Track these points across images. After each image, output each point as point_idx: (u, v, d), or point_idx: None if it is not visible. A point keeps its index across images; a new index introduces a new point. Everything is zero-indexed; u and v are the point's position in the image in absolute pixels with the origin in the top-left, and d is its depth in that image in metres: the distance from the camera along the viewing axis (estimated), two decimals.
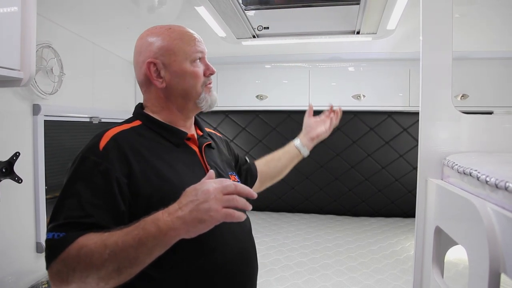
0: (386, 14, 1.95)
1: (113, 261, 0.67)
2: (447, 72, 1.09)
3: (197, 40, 0.97)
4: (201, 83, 0.96)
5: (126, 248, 0.67)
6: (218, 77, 3.13)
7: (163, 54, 0.93)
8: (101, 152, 0.81)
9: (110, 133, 0.87)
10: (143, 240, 0.67)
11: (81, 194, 0.76)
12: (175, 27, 0.97)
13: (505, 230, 0.62)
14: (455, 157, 0.99)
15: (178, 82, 0.94)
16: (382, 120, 3.17)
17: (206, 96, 0.98)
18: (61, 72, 2.10)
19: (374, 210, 3.45)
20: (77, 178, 0.79)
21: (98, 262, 0.67)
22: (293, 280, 2.12)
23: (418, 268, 1.12)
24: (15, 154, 1.70)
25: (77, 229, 0.72)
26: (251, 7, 2.20)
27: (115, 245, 0.67)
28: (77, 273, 0.68)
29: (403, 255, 2.47)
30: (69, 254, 0.69)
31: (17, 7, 1.27)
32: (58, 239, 0.71)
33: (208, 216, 0.68)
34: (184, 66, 0.94)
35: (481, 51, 2.68)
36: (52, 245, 0.71)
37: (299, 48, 2.80)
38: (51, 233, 0.72)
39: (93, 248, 0.67)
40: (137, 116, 0.97)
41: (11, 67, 1.25)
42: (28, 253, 1.92)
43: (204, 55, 0.99)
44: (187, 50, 0.94)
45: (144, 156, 0.85)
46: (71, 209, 0.75)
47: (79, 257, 0.68)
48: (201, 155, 0.97)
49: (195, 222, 0.68)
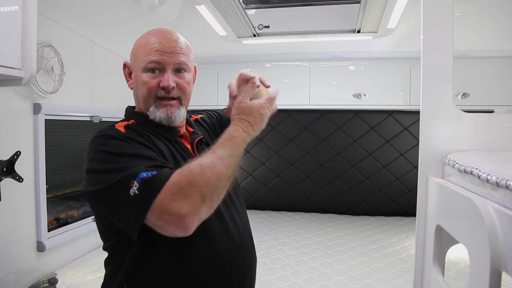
0: (386, 12, 1.95)
1: (231, 167, 0.77)
2: (448, 70, 1.08)
3: (159, 50, 0.90)
4: (152, 95, 0.92)
5: (233, 155, 0.79)
6: (219, 76, 3.13)
7: (131, 57, 0.97)
8: (125, 133, 0.85)
9: (120, 124, 0.90)
10: (240, 147, 0.82)
11: (138, 153, 0.78)
12: (154, 32, 0.94)
13: (506, 229, 0.62)
14: (456, 156, 0.99)
15: (135, 88, 0.96)
16: (383, 119, 3.16)
17: (155, 111, 0.93)
18: (61, 71, 2.10)
19: (374, 209, 3.45)
20: (122, 148, 0.78)
21: (223, 168, 0.74)
22: (294, 279, 2.12)
23: (419, 267, 1.12)
24: (16, 153, 1.71)
25: (161, 167, 0.75)
26: (251, 6, 2.20)
27: (226, 153, 0.78)
28: (210, 185, 0.71)
29: (403, 254, 2.47)
30: (189, 173, 0.71)
31: (18, 6, 1.27)
32: (154, 174, 0.71)
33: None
34: (138, 74, 0.93)
35: (482, 50, 2.68)
36: (153, 178, 0.70)
37: (299, 47, 2.80)
38: (143, 173, 0.71)
39: (211, 161, 0.74)
40: (130, 116, 0.98)
41: (12, 66, 1.25)
42: (29, 252, 1.93)
43: (166, 66, 0.91)
44: (143, 57, 0.91)
45: (155, 142, 0.89)
46: (140, 162, 0.75)
47: (204, 171, 0.72)
48: (194, 153, 0.98)
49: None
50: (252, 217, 3.35)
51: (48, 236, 2.03)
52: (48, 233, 2.03)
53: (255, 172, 3.51)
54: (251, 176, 3.52)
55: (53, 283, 1.90)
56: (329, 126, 3.28)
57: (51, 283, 1.89)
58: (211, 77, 3.13)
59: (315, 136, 3.33)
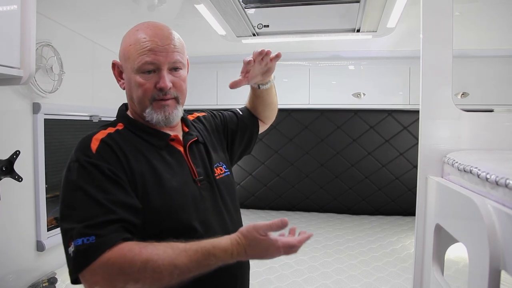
0: (386, 12, 1.95)
1: (178, 279, 0.71)
2: (447, 70, 1.09)
3: (152, 49, 0.86)
4: (149, 97, 0.88)
5: (193, 271, 0.72)
6: (218, 75, 3.13)
7: (121, 57, 0.92)
8: (95, 154, 0.81)
9: (98, 136, 0.85)
10: (210, 266, 0.73)
11: (95, 194, 0.75)
12: (144, 28, 0.89)
13: (506, 227, 0.62)
14: (456, 155, 0.99)
15: (129, 89, 0.92)
16: (382, 119, 3.16)
17: (152, 113, 0.89)
18: (61, 71, 2.10)
19: (374, 208, 3.45)
20: (82, 180, 0.77)
21: (166, 279, 0.70)
22: (293, 278, 2.12)
23: (418, 266, 1.12)
24: (15, 153, 1.70)
25: (105, 229, 0.71)
26: (251, 5, 2.20)
27: (185, 267, 0.70)
28: (139, 283, 0.69)
29: (403, 253, 2.47)
30: (130, 263, 0.68)
31: (17, 5, 1.27)
32: (91, 243, 0.69)
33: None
34: (131, 75, 0.88)
35: (481, 49, 2.68)
36: (85, 250, 0.69)
37: (299, 47, 2.79)
38: (79, 238, 0.70)
39: (161, 265, 0.69)
40: (119, 119, 0.96)
41: (11, 65, 1.25)
42: (28, 251, 1.93)
43: (161, 66, 0.87)
44: (136, 58, 0.86)
45: (130, 160, 0.84)
46: (90, 208, 0.73)
47: (145, 270, 0.68)
48: (186, 156, 0.95)
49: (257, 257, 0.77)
50: (251, 216, 3.35)
51: (48, 235, 2.03)
52: (47, 233, 2.03)
53: (255, 172, 3.51)
54: (251, 176, 3.52)
55: (53, 282, 1.90)
56: (328, 125, 3.28)
57: (51, 282, 1.89)
58: (211, 76, 3.13)
59: (314, 136, 3.33)
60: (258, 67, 1.07)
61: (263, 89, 1.18)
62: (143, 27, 0.89)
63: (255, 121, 1.26)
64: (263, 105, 1.24)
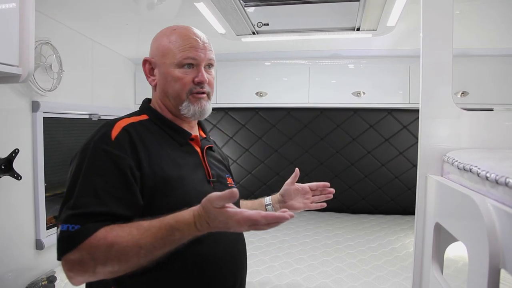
0: (386, 10, 1.95)
1: (146, 258, 0.73)
2: (447, 69, 1.08)
3: (194, 46, 0.95)
4: (186, 90, 0.95)
5: (159, 248, 0.73)
6: (218, 74, 3.12)
7: (158, 54, 0.97)
8: (113, 141, 0.83)
9: (121, 123, 0.89)
10: (177, 242, 0.74)
11: (96, 183, 0.78)
12: (181, 29, 0.97)
13: (505, 226, 0.62)
14: (455, 154, 0.99)
15: (164, 84, 0.97)
16: (382, 117, 3.16)
17: (189, 105, 0.96)
18: (60, 69, 2.09)
19: (373, 207, 3.45)
20: (90, 166, 0.80)
21: (134, 260, 0.72)
22: (293, 277, 2.12)
23: (418, 265, 1.12)
24: (14, 151, 1.70)
25: (91, 220, 0.74)
26: (250, 4, 2.19)
27: (151, 246, 0.72)
28: (107, 267, 0.73)
29: (402, 252, 2.47)
30: (96, 247, 0.71)
31: (16, 3, 1.26)
32: (74, 231, 0.73)
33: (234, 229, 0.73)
34: (170, 69, 0.95)
35: (481, 48, 2.68)
36: (68, 236, 0.73)
37: (299, 45, 2.79)
38: (65, 224, 0.74)
39: (125, 247, 0.71)
40: (144, 110, 1.00)
41: (10, 63, 1.25)
42: (27, 250, 1.93)
43: (200, 63, 0.96)
44: (177, 54, 0.94)
45: (151, 151, 0.87)
46: (85, 196, 0.77)
47: (110, 253, 0.71)
48: (203, 157, 0.99)
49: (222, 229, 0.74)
50: None
51: (47, 234, 2.03)
52: (47, 231, 2.03)
53: (254, 170, 3.50)
54: (251, 174, 3.52)
55: (52, 281, 1.90)
56: (328, 124, 3.28)
57: (50, 281, 1.89)
58: None
59: (314, 134, 3.33)
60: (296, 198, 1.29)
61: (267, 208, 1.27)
62: (179, 27, 0.97)
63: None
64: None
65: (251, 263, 1.07)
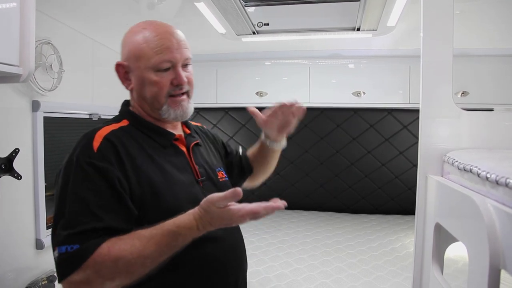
0: (386, 10, 1.95)
1: (151, 266, 0.73)
2: (447, 69, 1.08)
3: (169, 48, 0.88)
4: (164, 93, 0.90)
5: (164, 255, 0.73)
6: (218, 73, 3.13)
7: (131, 57, 0.91)
8: (96, 154, 0.80)
9: (102, 132, 0.85)
10: (179, 246, 0.74)
11: (86, 198, 0.75)
12: (151, 27, 0.90)
13: (505, 227, 0.62)
14: (455, 154, 0.99)
15: (141, 89, 0.92)
16: (382, 117, 3.16)
17: (169, 109, 0.91)
18: (60, 69, 2.09)
19: (374, 207, 3.45)
20: (77, 182, 0.76)
21: (140, 270, 0.72)
22: (293, 277, 2.12)
23: (418, 265, 1.12)
24: (15, 151, 1.70)
25: (90, 237, 0.72)
26: (251, 3, 2.19)
27: (155, 254, 0.72)
28: (115, 281, 0.72)
29: (402, 252, 2.47)
30: (101, 264, 0.70)
31: (16, 3, 1.26)
32: (74, 251, 0.70)
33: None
34: (145, 74, 0.89)
35: (481, 48, 2.67)
36: (68, 257, 0.70)
37: (299, 45, 2.79)
38: (63, 246, 0.71)
39: (131, 259, 0.71)
40: (124, 115, 0.96)
41: (10, 62, 1.25)
42: (27, 249, 1.92)
43: (177, 63, 0.90)
44: (151, 58, 0.88)
45: (136, 159, 0.84)
46: (78, 214, 0.74)
47: (117, 268, 0.71)
48: (189, 156, 0.96)
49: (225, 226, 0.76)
50: None
51: (47, 234, 2.02)
52: (47, 231, 2.02)
53: None
54: None
55: (52, 280, 1.90)
56: (328, 124, 3.28)
57: (50, 280, 1.89)
58: (210, 74, 3.12)
59: (314, 134, 3.33)
60: (281, 116, 1.11)
61: (271, 148, 1.19)
62: (149, 26, 0.90)
63: (249, 170, 1.25)
64: (262, 165, 1.26)
65: (251, 263, 1.07)
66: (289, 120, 1.12)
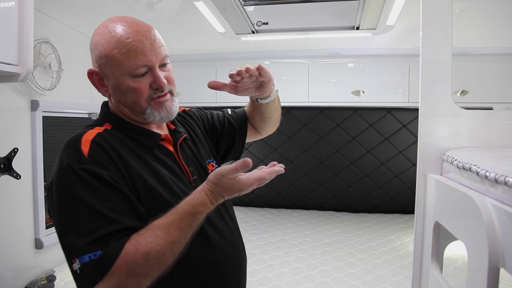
0: (385, 9, 1.95)
1: (179, 251, 0.74)
2: (446, 68, 1.08)
3: (142, 51, 0.81)
4: (145, 98, 0.84)
5: (187, 236, 0.74)
6: (217, 73, 3.12)
7: (103, 64, 0.84)
8: (87, 159, 0.76)
9: (87, 137, 0.81)
10: (199, 224, 0.76)
11: (94, 203, 0.72)
12: (120, 29, 0.82)
13: (505, 225, 0.62)
14: (455, 153, 0.99)
15: (119, 96, 0.86)
16: (382, 116, 3.16)
17: (153, 112, 0.86)
18: (59, 68, 2.09)
19: (373, 206, 3.45)
20: (77, 190, 0.73)
21: (171, 258, 0.72)
22: (293, 276, 2.12)
23: (417, 264, 1.12)
24: (13, 150, 1.70)
25: (110, 240, 0.69)
26: (250, 2, 2.19)
27: (180, 237, 0.73)
28: (150, 276, 0.71)
29: (402, 251, 2.47)
30: (132, 263, 0.68)
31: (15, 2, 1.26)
32: (98, 258, 0.67)
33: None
34: (121, 80, 0.83)
35: (481, 47, 2.68)
36: (94, 266, 0.67)
37: (298, 44, 2.79)
38: (84, 255, 0.67)
39: (160, 250, 0.70)
40: (105, 118, 0.91)
41: (9, 62, 1.25)
42: (27, 249, 1.92)
43: (154, 66, 0.83)
44: (125, 63, 0.81)
45: (127, 161, 0.81)
46: (91, 221, 0.70)
47: (149, 262, 0.69)
48: (177, 155, 0.94)
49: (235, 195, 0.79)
50: (251, 214, 3.35)
51: (46, 233, 2.02)
52: (46, 231, 2.03)
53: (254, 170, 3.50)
54: None
55: (51, 280, 1.90)
56: (328, 123, 3.28)
57: (49, 280, 1.89)
58: (210, 74, 3.12)
59: (314, 133, 3.33)
60: (248, 80, 1.00)
61: (261, 103, 1.14)
62: (119, 27, 0.82)
63: (244, 128, 1.23)
64: (260, 117, 1.23)
65: (250, 262, 1.07)
66: (257, 80, 1.01)
